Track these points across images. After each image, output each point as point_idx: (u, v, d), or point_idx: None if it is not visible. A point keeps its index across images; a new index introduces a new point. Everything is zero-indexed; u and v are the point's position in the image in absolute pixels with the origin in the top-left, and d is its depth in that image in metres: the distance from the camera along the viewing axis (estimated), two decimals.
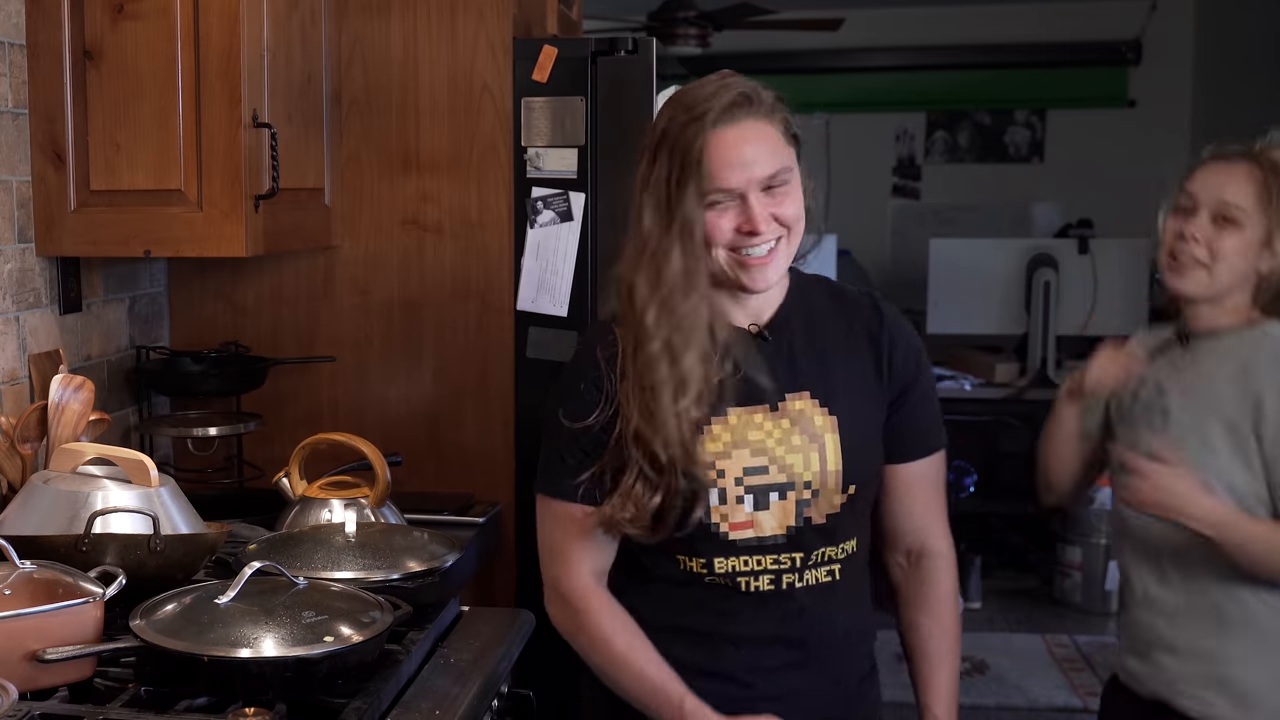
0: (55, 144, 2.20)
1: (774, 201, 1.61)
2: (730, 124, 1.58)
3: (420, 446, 2.68)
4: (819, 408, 1.67)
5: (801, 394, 1.67)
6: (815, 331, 1.71)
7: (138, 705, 1.54)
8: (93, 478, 1.91)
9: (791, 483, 1.65)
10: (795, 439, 1.66)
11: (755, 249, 1.62)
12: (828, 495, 1.66)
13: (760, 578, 1.67)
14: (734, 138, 1.58)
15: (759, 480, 1.65)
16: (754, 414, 1.66)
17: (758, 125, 1.60)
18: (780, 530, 1.66)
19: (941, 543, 1.80)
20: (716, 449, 1.64)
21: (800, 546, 1.67)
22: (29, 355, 2.23)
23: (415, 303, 2.70)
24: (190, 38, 2.15)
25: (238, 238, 2.17)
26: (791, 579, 1.67)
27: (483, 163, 2.65)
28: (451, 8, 2.63)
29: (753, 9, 5.45)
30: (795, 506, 1.65)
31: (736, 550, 1.66)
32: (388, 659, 1.68)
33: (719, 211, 1.60)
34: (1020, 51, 6.97)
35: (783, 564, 1.67)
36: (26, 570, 1.61)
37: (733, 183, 1.59)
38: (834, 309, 1.74)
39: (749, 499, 1.65)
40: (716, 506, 1.64)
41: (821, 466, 1.66)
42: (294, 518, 2.23)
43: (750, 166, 1.59)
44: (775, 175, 1.60)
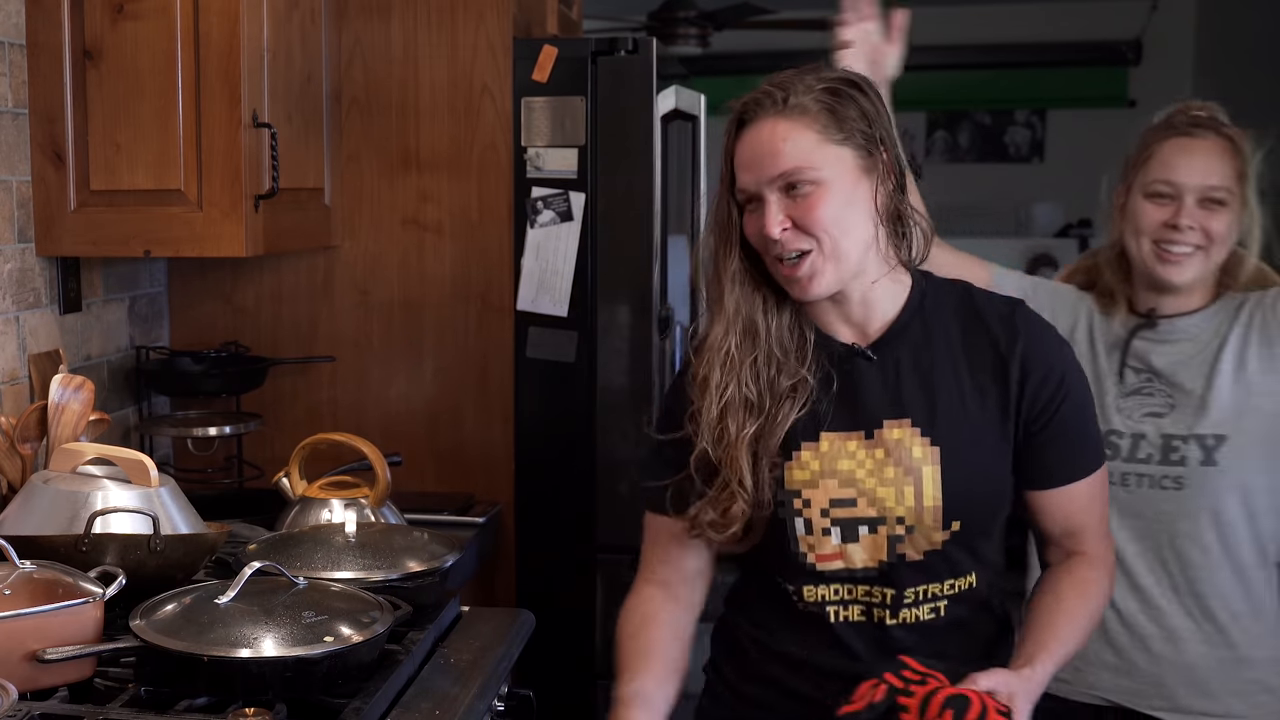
0: (55, 144, 2.20)
1: (795, 205, 1.50)
2: (751, 121, 1.52)
3: (420, 446, 2.68)
4: (920, 437, 1.54)
5: (902, 421, 1.55)
6: (931, 350, 1.57)
7: (138, 705, 1.54)
8: (93, 478, 1.91)
9: (883, 517, 1.54)
10: (889, 471, 1.54)
11: (785, 256, 1.52)
12: (925, 532, 1.54)
13: (850, 608, 1.58)
14: (751, 135, 1.52)
15: (846, 513, 1.55)
16: (848, 440, 1.55)
17: (777, 123, 1.50)
18: (872, 563, 1.55)
19: (1098, 545, 1.64)
20: (804, 477, 1.55)
21: (893, 582, 1.55)
22: (29, 355, 2.23)
23: (415, 303, 2.70)
24: (190, 38, 2.15)
25: (238, 238, 2.17)
26: (883, 614, 1.56)
27: (483, 163, 2.65)
28: (451, 8, 2.63)
29: (753, 9, 5.44)
30: (887, 542, 1.54)
31: (825, 579, 1.57)
32: (388, 659, 1.68)
33: (749, 213, 1.54)
34: (1020, 51, 6.97)
35: (874, 597, 1.57)
36: (26, 570, 1.61)
37: (745, 182, 1.52)
38: (963, 325, 1.59)
39: (835, 530, 1.55)
40: (803, 536, 1.56)
41: (918, 502, 1.53)
42: (294, 518, 2.23)
43: (760, 165, 1.51)
44: (788, 174, 1.49)
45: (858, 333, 1.58)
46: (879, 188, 1.52)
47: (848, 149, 1.50)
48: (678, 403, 1.61)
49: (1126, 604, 1.98)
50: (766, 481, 1.54)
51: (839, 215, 1.49)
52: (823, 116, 1.50)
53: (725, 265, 1.56)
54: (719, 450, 1.54)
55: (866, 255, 1.53)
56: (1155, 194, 1.95)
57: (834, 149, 1.50)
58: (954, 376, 1.56)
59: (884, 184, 1.53)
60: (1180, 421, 1.95)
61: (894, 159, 1.54)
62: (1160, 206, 1.94)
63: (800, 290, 1.53)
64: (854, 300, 1.57)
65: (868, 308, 1.57)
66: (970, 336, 1.58)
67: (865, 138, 1.51)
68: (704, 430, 1.55)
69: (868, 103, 1.52)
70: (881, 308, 1.58)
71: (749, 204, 1.53)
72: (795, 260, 1.51)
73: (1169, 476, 1.94)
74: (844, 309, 1.58)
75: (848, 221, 1.50)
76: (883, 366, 1.57)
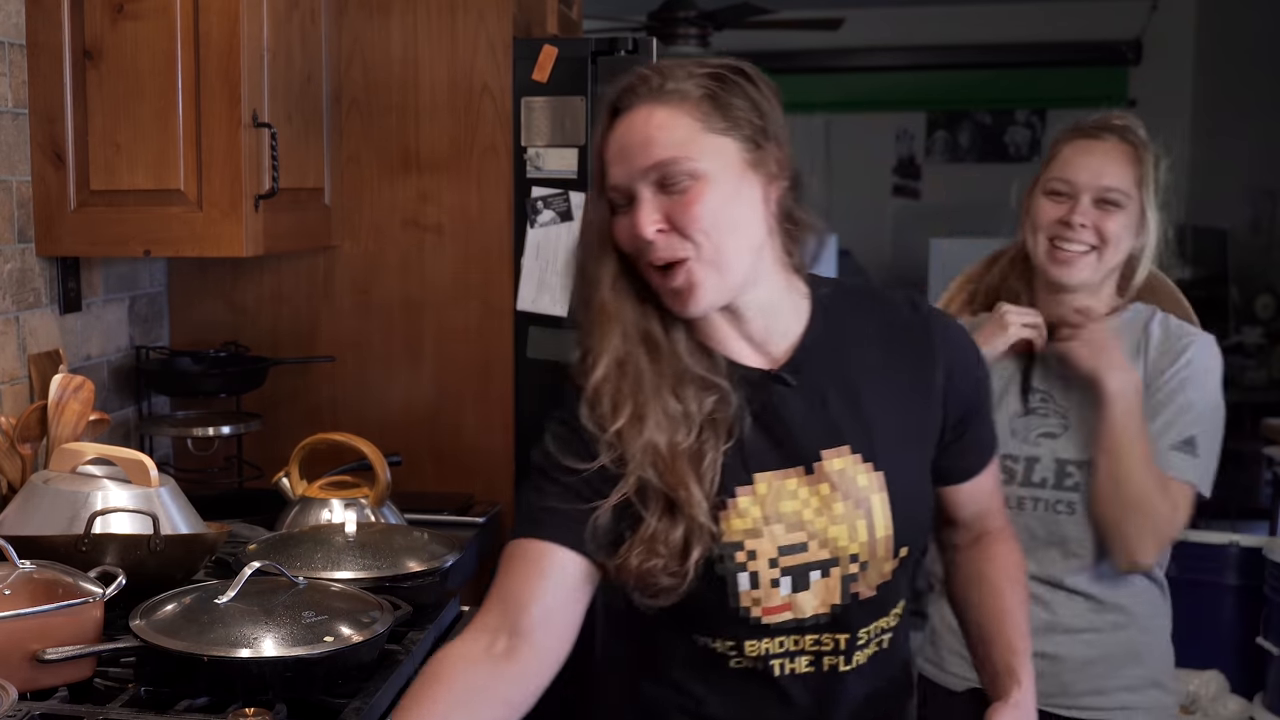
0: (55, 144, 2.20)
1: (671, 203, 1.31)
2: (626, 110, 1.35)
3: (420, 446, 2.68)
4: (862, 464, 1.39)
5: (840, 449, 1.39)
6: (849, 364, 1.41)
7: (138, 705, 1.54)
8: (92, 478, 1.91)
9: (835, 559, 1.39)
10: (837, 507, 1.38)
11: (657, 264, 1.33)
12: (877, 565, 1.40)
13: (797, 659, 1.42)
14: (624, 124, 1.34)
15: (797, 560, 1.38)
16: (786, 479, 1.38)
17: (653, 110, 1.32)
18: (824, 609, 1.40)
19: (999, 519, 1.60)
20: (745, 525, 1.37)
21: (846, 626, 1.41)
22: (29, 355, 2.23)
23: (415, 303, 2.70)
24: (190, 38, 2.15)
25: (238, 238, 2.17)
26: (835, 662, 1.42)
27: (483, 163, 2.65)
28: (451, 8, 2.63)
29: (753, 9, 5.45)
30: (840, 583, 1.39)
31: (770, 632, 1.40)
32: (388, 659, 1.68)
33: (621, 215, 1.35)
34: (1020, 51, 6.97)
35: (824, 645, 1.42)
36: (26, 570, 1.61)
37: (616, 176, 1.34)
38: (870, 330, 1.44)
39: (785, 581, 1.38)
40: (747, 591, 1.37)
41: (870, 535, 1.39)
42: (294, 518, 2.23)
43: (631, 156, 1.33)
44: (662, 165, 1.31)
45: (761, 354, 1.41)
46: (768, 186, 1.36)
47: (732, 140, 1.33)
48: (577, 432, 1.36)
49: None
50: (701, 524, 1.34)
51: (720, 214, 1.31)
52: (704, 104, 1.32)
53: (603, 274, 1.36)
54: (660, 475, 1.32)
55: (756, 262, 1.36)
56: (1053, 191, 1.97)
57: (716, 139, 1.32)
58: (881, 390, 1.42)
59: (774, 182, 1.36)
60: (1072, 444, 1.96)
61: (787, 156, 1.38)
62: (1057, 204, 1.96)
63: (681, 304, 1.34)
64: (750, 316, 1.39)
65: (768, 324, 1.39)
66: (886, 345, 1.43)
67: (753, 129, 1.34)
68: (635, 455, 1.33)
69: (757, 93, 1.35)
70: (783, 323, 1.40)
71: (622, 205, 1.35)
72: (670, 269, 1.32)
73: (1063, 501, 1.96)
74: (741, 326, 1.39)
75: (731, 222, 1.32)
76: (805, 391, 1.39)
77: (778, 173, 1.36)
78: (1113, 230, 1.93)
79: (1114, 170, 1.93)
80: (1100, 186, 1.93)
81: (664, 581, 1.33)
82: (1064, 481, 1.95)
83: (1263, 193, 5.92)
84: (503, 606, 1.35)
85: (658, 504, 1.33)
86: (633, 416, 1.34)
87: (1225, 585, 3.79)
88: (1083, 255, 1.94)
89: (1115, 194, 1.93)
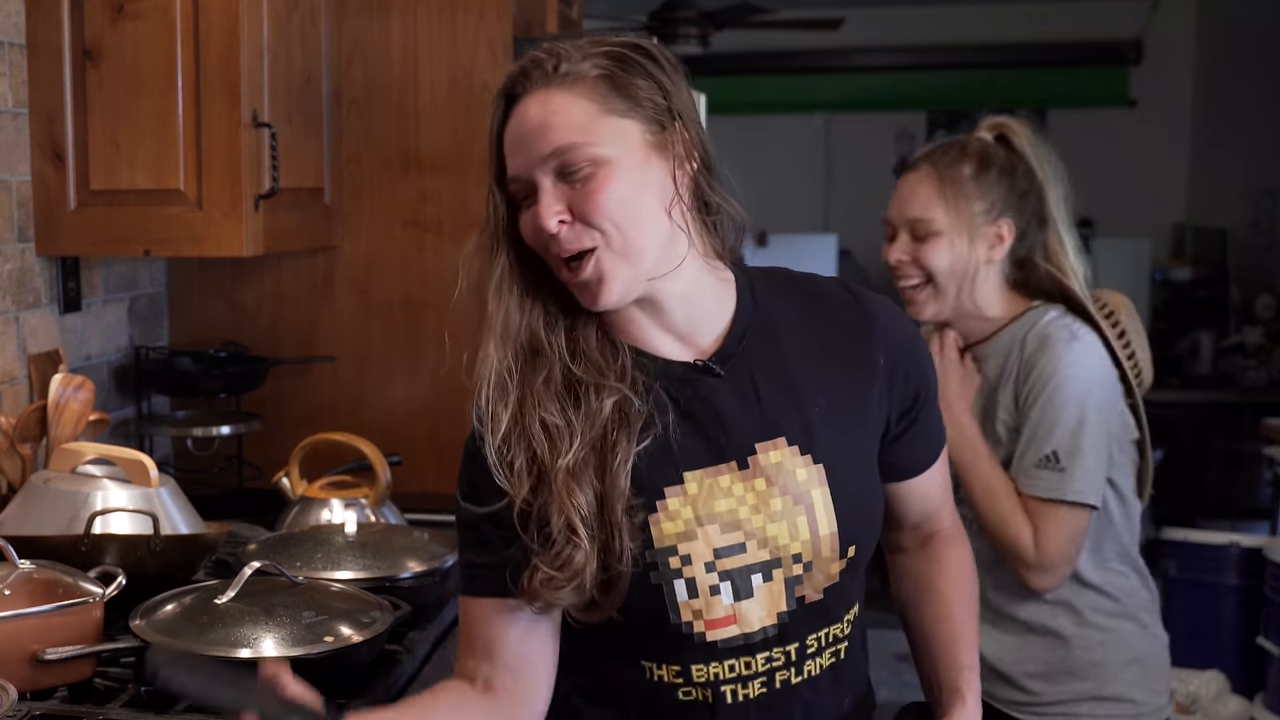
0: (55, 144, 2.20)
1: (573, 192, 1.25)
2: (521, 97, 1.28)
3: (420, 446, 2.68)
4: (799, 456, 1.30)
5: (776, 441, 1.30)
6: (782, 353, 1.33)
7: (138, 705, 1.54)
8: (92, 478, 1.91)
9: (777, 559, 1.29)
10: (775, 503, 1.29)
11: (565, 257, 1.26)
12: (823, 566, 1.31)
13: (750, 684, 1.32)
14: (519, 112, 1.28)
15: (735, 562, 1.28)
16: (719, 476, 1.29)
17: (548, 95, 1.26)
18: (771, 619, 1.30)
19: (949, 521, 1.52)
20: (677, 529, 1.28)
21: (796, 635, 1.32)
22: (29, 355, 2.23)
23: (415, 303, 2.70)
24: (190, 37, 2.14)
25: (238, 238, 2.17)
26: (787, 675, 1.33)
27: (483, 162, 2.62)
28: (451, 7, 2.63)
29: (753, 9, 5.44)
30: (785, 587, 1.30)
31: (717, 654, 1.30)
32: (388, 659, 1.68)
33: (525, 209, 1.29)
34: (1020, 51, 6.97)
35: (776, 660, 1.32)
36: (26, 570, 1.61)
37: (514, 167, 1.29)
38: (804, 317, 1.36)
39: (725, 586, 1.28)
40: (686, 601, 1.28)
41: (813, 532, 1.29)
42: (294, 518, 2.23)
43: (528, 145, 1.26)
44: (561, 151, 1.24)
45: (687, 346, 1.33)
46: (676, 169, 1.28)
47: (633, 122, 1.26)
48: (476, 465, 1.33)
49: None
50: (622, 528, 1.26)
51: (626, 201, 1.24)
52: (602, 85, 1.25)
53: (490, 271, 1.31)
54: (539, 494, 1.26)
55: (668, 250, 1.28)
56: (886, 235, 1.99)
57: (616, 122, 1.25)
58: (816, 381, 1.33)
59: (683, 165, 1.28)
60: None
61: (696, 137, 1.29)
62: (887, 245, 1.98)
63: (591, 297, 1.27)
64: (671, 306, 1.31)
65: (690, 313, 1.32)
66: (822, 332, 1.35)
67: (656, 109, 1.27)
68: (515, 478, 1.27)
69: (660, 72, 1.28)
70: (708, 312, 1.33)
71: (525, 198, 1.29)
72: (578, 260, 1.26)
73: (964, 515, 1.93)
74: (661, 318, 1.31)
75: (638, 209, 1.25)
76: (735, 381, 1.31)
77: (686, 155, 1.28)
78: (932, 260, 1.92)
79: (917, 200, 1.93)
80: (908, 220, 1.94)
81: (565, 598, 1.26)
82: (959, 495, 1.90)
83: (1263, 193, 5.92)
84: (474, 658, 1.34)
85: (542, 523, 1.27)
86: (506, 434, 1.28)
87: (1226, 585, 3.79)
88: (918, 290, 1.94)
89: (922, 224, 1.92)
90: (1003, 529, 1.89)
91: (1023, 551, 1.88)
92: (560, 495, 1.25)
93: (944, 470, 1.50)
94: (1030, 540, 1.87)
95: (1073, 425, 1.85)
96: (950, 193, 1.90)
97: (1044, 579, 1.89)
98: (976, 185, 1.91)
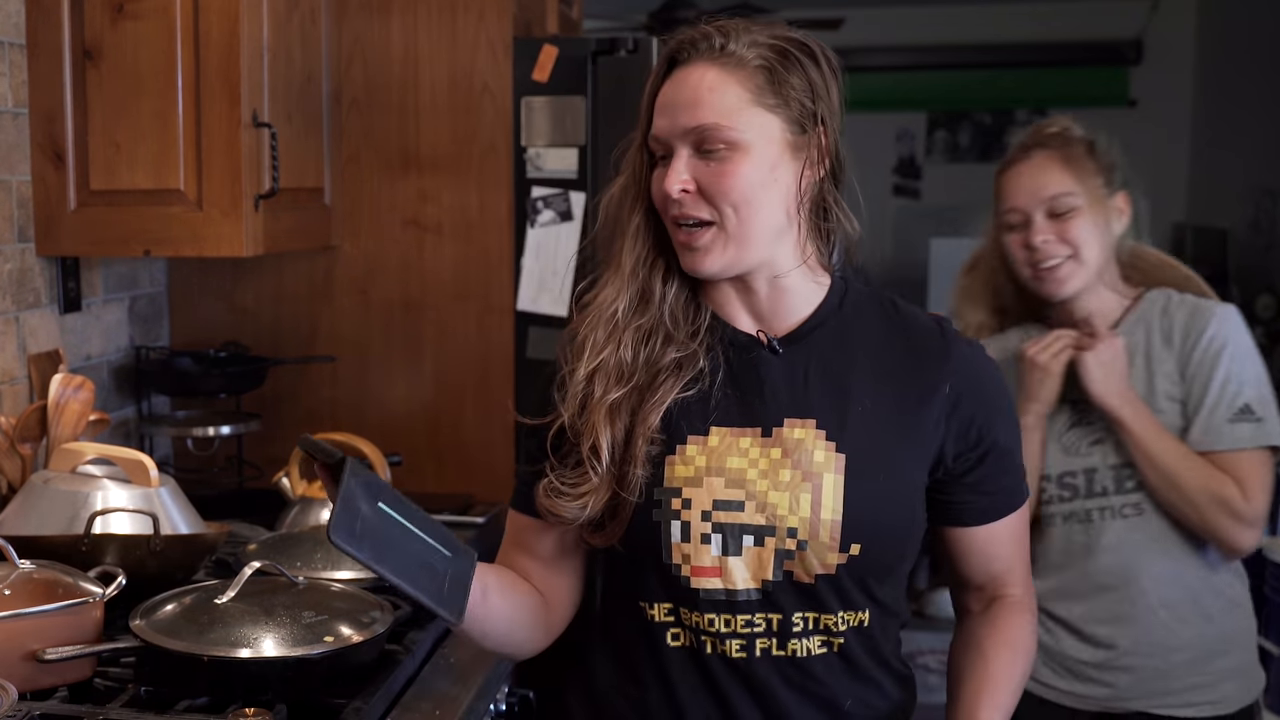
0: (55, 144, 2.20)
1: (706, 168, 1.31)
2: (683, 64, 1.34)
3: (420, 446, 2.68)
4: (824, 440, 1.34)
5: (806, 421, 1.35)
6: (848, 355, 1.38)
7: (138, 705, 1.54)
8: (92, 478, 1.91)
9: (771, 527, 1.32)
10: (784, 473, 1.33)
11: (682, 222, 1.33)
12: (819, 550, 1.32)
13: (728, 642, 1.35)
14: (678, 78, 1.34)
15: (730, 517, 1.33)
16: (741, 437, 1.35)
17: (707, 69, 1.32)
18: (754, 583, 1.34)
19: (1020, 590, 1.49)
20: (687, 473, 1.34)
21: (779, 608, 1.35)
22: (29, 355, 2.23)
23: (415, 303, 2.70)
24: (190, 37, 2.14)
25: (238, 238, 2.17)
26: (768, 644, 1.35)
27: (483, 162, 2.65)
28: (451, 7, 2.63)
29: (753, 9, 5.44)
30: (774, 557, 1.33)
31: (701, 604, 1.35)
32: (388, 659, 1.68)
33: (659, 167, 1.36)
34: (1020, 51, 6.97)
35: (757, 626, 1.35)
36: (26, 570, 1.61)
37: (659, 128, 1.34)
38: (887, 335, 1.40)
39: (716, 539, 1.33)
40: (678, 544, 1.34)
41: (814, 513, 1.32)
42: (294, 518, 2.23)
43: (677, 112, 1.32)
44: (704, 129, 1.30)
45: (765, 325, 1.40)
46: (806, 171, 1.34)
47: (778, 119, 1.32)
48: (546, 384, 1.42)
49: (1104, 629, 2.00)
50: (640, 460, 1.33)
51: (751, 191, 1.31)
52: (759, 75, 1.31)
53: (629, 220, 1.38)
54: (580, 419, 1.35)
55: (777, 246, 1.35)
56: (1009, 225, 2.01)
57: (763, 114, 1.31)
58: (871, 387, 1.36)
59: (813, 168, 1.34)
60: (1118, 446, 1.97)
61: (833, 145, 1.35)
62: (1018, 234, 2.00)
63: (692, 261, 1.34)
64: (761, 293, 1.38)
65: (776, 302, 1.38)
66: (894, 349, 1.39)
67: (803, 111, 1.32)
68: (569, 398, 1.37)
69: (818, 75, 1.33)
70: (792, 305, 1.39)
71: (662, 157, 1.36)
72: (694, 227, 1.33)
73: (1129, 504, 1.97)
74: (749, 299, 1.39)
75: (760, 201, 1.32)
76: (790, 363, 1.37)
77: (818, 160, 1.35)
78: (1076, 234, 1.96)
79: (1050, 180, 1.97)
80: (1044, 199, 1.97)
81: (569, 512, 1.36)
82: (1124, 485, 1.97)
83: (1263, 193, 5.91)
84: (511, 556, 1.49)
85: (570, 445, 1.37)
86: (589, 359, 1.37)
87: None
88: (1063, 265, 1.97)
89: (1061, 200, 1.96)
90: (1203, 493, 1.92)
91: (1235, 505, 1.92)
92: (595, 425, 1.34)
93: (1015, 534, 1.47)
94: (1238, 493, 1.92)
95: (1258, 377, 1.95)
96: (1075, 169, 1.97)
97: (1251, 534, 1.95)
98: (1092, 162, 1.98)
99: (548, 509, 1.37)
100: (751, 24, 1.35)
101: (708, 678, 1.37)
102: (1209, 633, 1.98)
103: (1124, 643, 1.98)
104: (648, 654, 1.40)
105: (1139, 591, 1.97)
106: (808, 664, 1.37)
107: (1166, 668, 1.98)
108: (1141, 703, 1.99)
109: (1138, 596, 1.97)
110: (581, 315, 1.40)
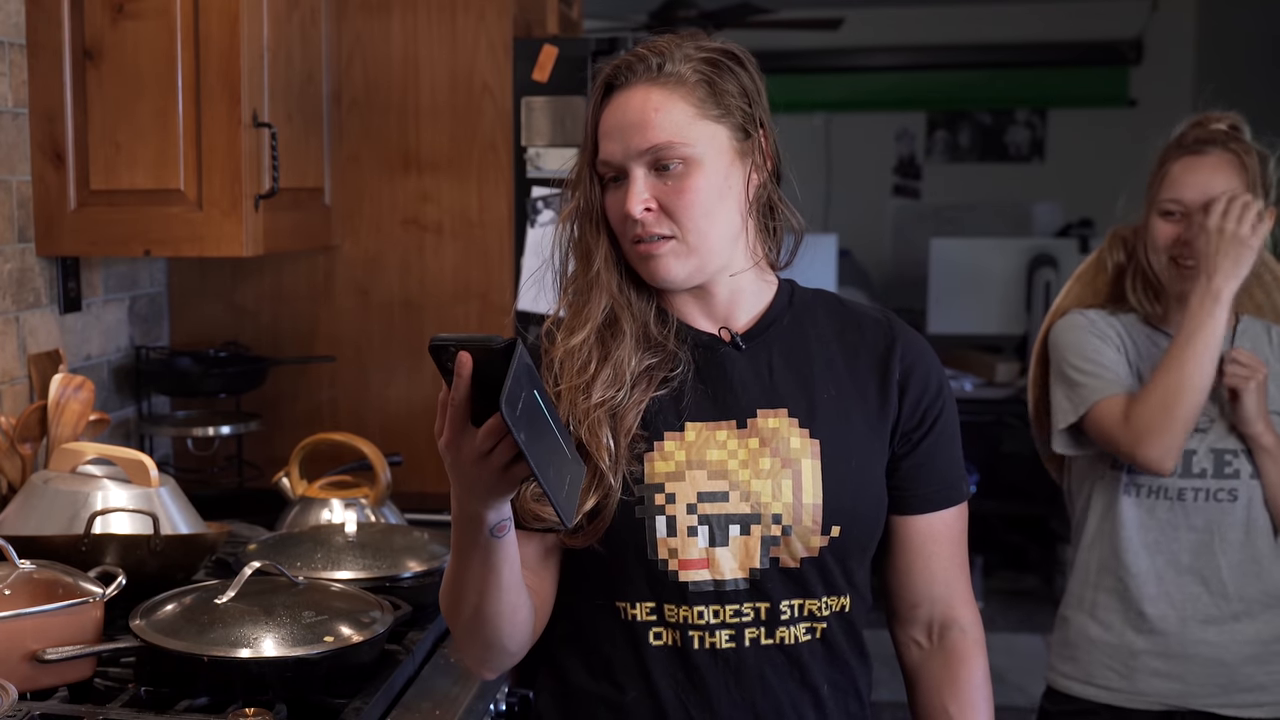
0: (55, 144, 2.20)
1: (663, 186, 1.35)
2: (621, 88, 1.38)
3: (420, 446, 2.68)
4: (798, 428, 1.38)
5: (778, 411, 1.39)
6: (803, 348, 1.43)
7: (138, 705, 1.54)
8: (92, 478, 1.91)
9: (757, 514, 1.36)
10: (764, 462, 1.37)
11: (644, 238, 1.37)
12: (803, 534, 1.36)
13: (717, 633, 1.37)
14: (620, 102, 1.38)
15: (715, 508, 1.36)
16: (717, 430, 1.38)
17: (650, 91, 1.36)
18: (742, 572, 1.36)
19: (967, 613, 1.49)
20: (668, 469, 1.37)
21: (767, 596, 1.37)
22: (29, 355, 2.23)
23: (415, 303, 2.70)
24: (190, 37, 2.14)
25: (238, 238, 2.17)
26: (757, 633, 1.38)
27: (483, 162, 2.65)
28: (452, 7, 2.63)
29: (753, 9, 5.44)
30: (761, 544, 1.36)
31: (689, 597, 1.36)
32: (388, 659, 1.68)
33: (611, 190, 1.39)
34: (1020, 51, 6.97)
35: (746, 616, 1.37)
36: (26, 570, 1.61)
37: (609, 153, 1.38)
38: (834, 329, 1.46)
39: (703, 531, 1.35)
40: (664, 539, 1.35)
41: (796, 498, 1.36)
42: (294, 518, 2.23)
43: (627, 136, 1.36)
44: (658, 149, 1.34)
45: (723, 325, 1.44)
46: (753, 174, 1.39)
47: (724, 128, 1.37)
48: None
49: (1173, 611, 2.04)
50: (621, 460, 1.36)
51: (710, 204, 1.36)
52: (700, 89, 1.36)
53: (595, 246, 1.41)
54: (582, 428, 1.35)
55: (733, 250, 1.40)
56: (1166, 212, 2.02)
57: (709, 125, 1.36)
58: (830, 373, 1.42)
59: (759, 171, 1.40)
60: (1223, 434, 2.02)
61: (773, 145, 1.42)
62: (1172, 224, 2.01)
63: (651, 270, 1.38)
64: (718, 295, 1.43)
65: (732, 302, 1.43)
66: (846, 335, 1.45)
67: (744, 117, 1.38)
68: (568, 410, 1.37)
69: (749, 79, 1.40)
70: (747, 303, 1.44)
71: (612, 179, 1.39)
72: (655, 240, 1.36)
73: (1224, 489, 2.02)
74: (706, 303, 1.43)
75: (718, 211, 1.37)
76: (753, 358, 1.42)
77: (761, 162, 1.40)
78: None
79: (1221, 184, 1.97)
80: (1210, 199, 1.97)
81: (550, 514, 1.31)
82: (1223, 470, 2.02)
83: None
84: None
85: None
86: (591, 378, 1.37)
87: None
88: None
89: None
90: None
91: None
92: (593, 432, 1.34)
93: (954, 537, 1.48)
94: None
95: None
96: (1247, 181, 1.98)
97: None
98: (1264, 175, 2.00)
99: (534, 513, 1.35)
100: (678, 39, 1.40)
101: (692, 674, 1.38)
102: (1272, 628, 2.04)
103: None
104: (626, 655, 1.40)
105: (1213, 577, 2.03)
106: (794, 651, 1.40)
107: (1229, 662, 2.03)
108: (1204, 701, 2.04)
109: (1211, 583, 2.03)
110: (580, 343, 1.39)
